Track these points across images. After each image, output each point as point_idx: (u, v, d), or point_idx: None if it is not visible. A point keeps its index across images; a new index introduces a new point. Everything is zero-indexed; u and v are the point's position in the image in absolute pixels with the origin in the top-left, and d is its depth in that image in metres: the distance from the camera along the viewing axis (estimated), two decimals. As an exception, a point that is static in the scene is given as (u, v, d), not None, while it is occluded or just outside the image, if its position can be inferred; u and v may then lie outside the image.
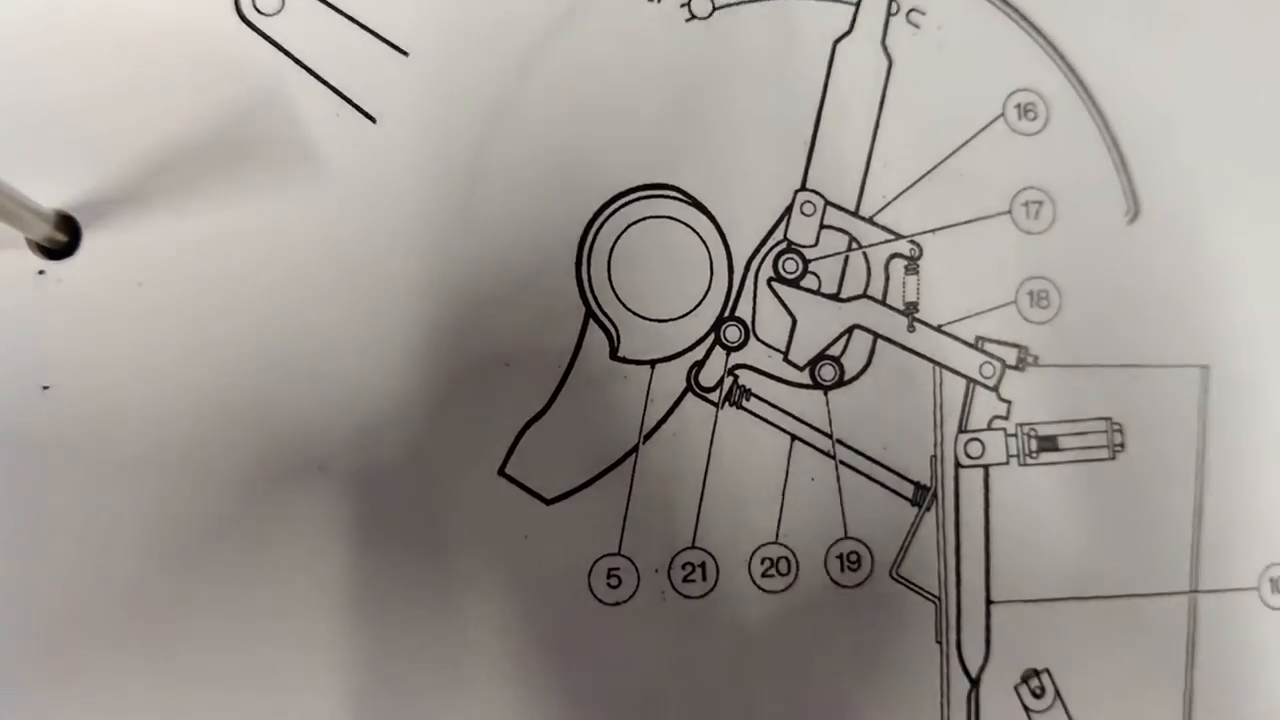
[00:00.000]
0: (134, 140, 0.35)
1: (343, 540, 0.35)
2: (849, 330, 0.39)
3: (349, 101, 0.36)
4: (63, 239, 0.33)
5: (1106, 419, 0.40)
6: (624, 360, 0.38)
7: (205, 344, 0.35)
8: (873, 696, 0.38)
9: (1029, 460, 0.40)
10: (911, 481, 0.39)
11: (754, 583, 0.38)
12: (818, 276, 0.39)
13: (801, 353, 0.39)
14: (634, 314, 0.38)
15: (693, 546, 0.38)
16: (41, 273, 0.34)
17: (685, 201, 0.38)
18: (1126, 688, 0.41)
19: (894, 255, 0.39)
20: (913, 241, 0.39)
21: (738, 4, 0.39)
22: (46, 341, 0.34)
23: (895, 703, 0.39)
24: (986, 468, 0.40)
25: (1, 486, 0.34)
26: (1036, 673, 0.40)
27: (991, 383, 0.40)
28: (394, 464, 0.36)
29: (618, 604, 0.38)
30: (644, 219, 0.38)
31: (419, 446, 0.36)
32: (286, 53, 0.36)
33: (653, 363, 0.38)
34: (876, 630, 0.39)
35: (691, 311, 0.38)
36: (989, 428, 0.40)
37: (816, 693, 0.38)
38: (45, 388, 0.34)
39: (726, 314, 0.39)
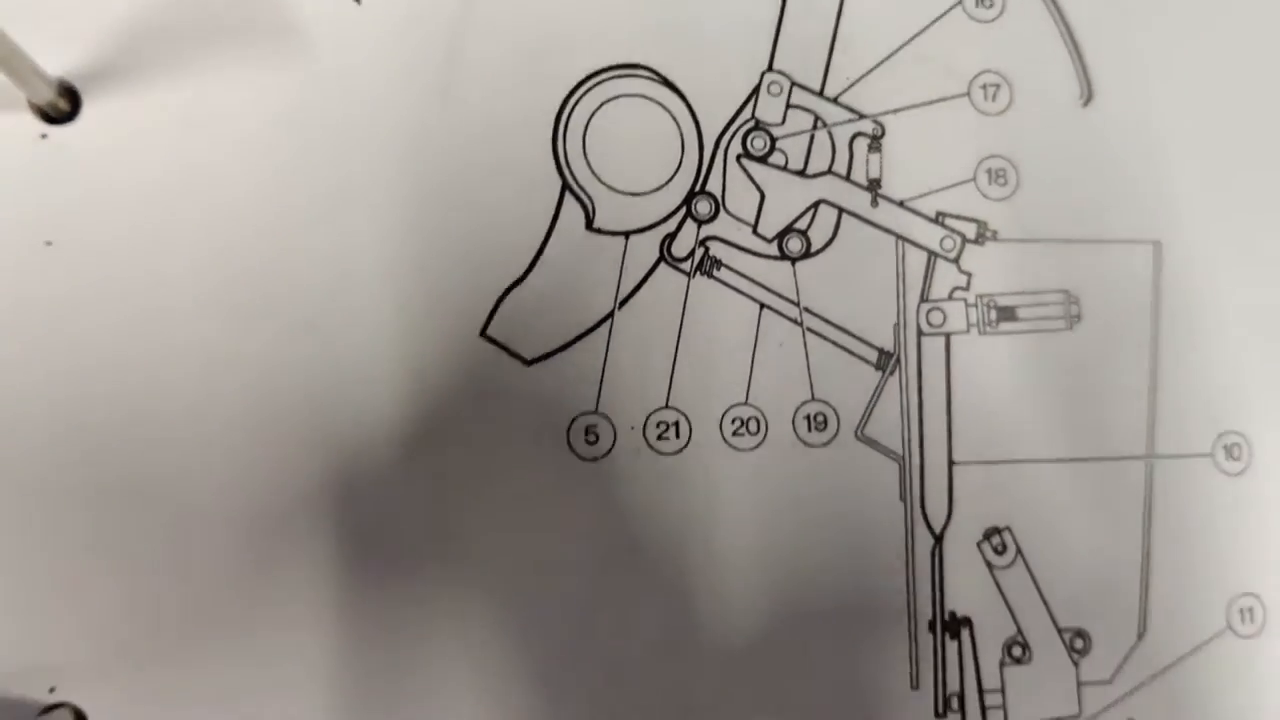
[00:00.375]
0: (131, 15, 0.37)
1: (329, 396, 0.37)
2: (815, 205, 0.41)
3: (334, -21, 0.38)
4: (64, 107, 0.36)
5: (1063, 291, 0.42)
6: (599, 231, 0.40)
7: (198, 207, 0.37)
8: (839, 551, 0.41)
9: (989, 329, 0.42)
10: (875, 347, 0.41)
11: (725, 441, 0.40)
12: (785, 153, 0.41)
13: (770, 226, 0.41)
14: (609, 187, 0.40)
15: (666, 406, 0.40)
16: (44, 137, 0.36)
17: (658, 81, 0.40)
18: (1087, 547, 0.43)
19: (858, 134, 0.42)
20: (876, 121, 0.42)
21: (706, -108, 0.41)
22: (49, 201, 0.36)
23: (861, 557, 0.41)
24: (948, 336, 0.42)
25: (5, 339, 0.36)
26: (998, 530, 0.42)
27: (952, 255, 0.42)
28: (380, 323, 0.38)
29: (595, 459, 0.40)
30: (618, 97, 0.40)
31: (404, 308, 0.38)
32: (275, -66, 0.38)
33: (627, 234, 0.40)
34: (842, 488, 0.41)
35: (664, 186, 0.40)
36: (950, 298, 0.42)
37: (784, 546, 0.40)
38: (48, 244, 0.36)
39: (697, 188, 0.41)
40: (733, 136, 0.41)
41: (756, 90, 0.42)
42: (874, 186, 0.42)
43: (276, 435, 0.38)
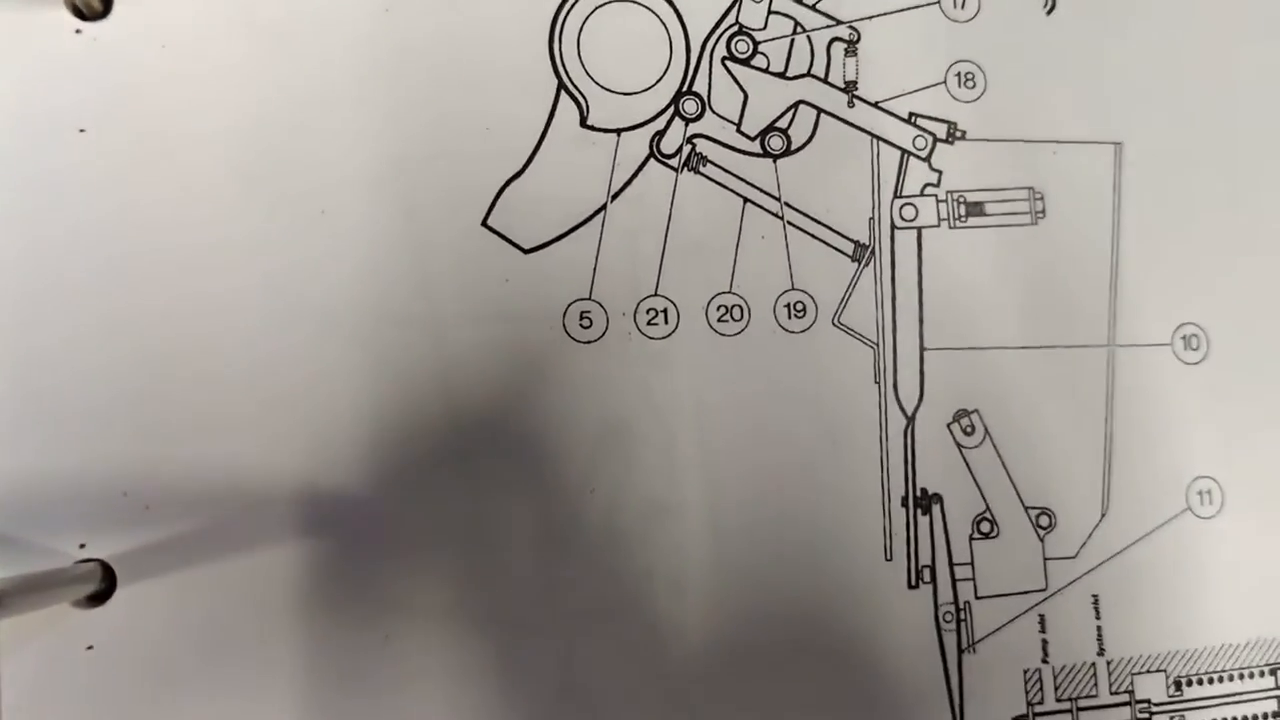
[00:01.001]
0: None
1: (343, 275, 0.43)
2: (795, 105, 0.47)
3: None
4: (98, 6, 0.41)
5: (1028, 188, 0.49)
6: (593, 128, 0.46)
7: (221, 102, 0.43)
8: (818, 430, 0.47)
9: (958, 224, 0.48)
10: (851, 240, 0.47)
11: (710, 327, 0.46)
12: (766, 56, 0.47)
13: (752, 124, 0.47)
14: (601, 87, 0.46)
15: (656, 294, 0.46)
16: (79, 31, 0.42)
17: (646, -12, 0.46)
18: (1051, 430, 0.49)
19: (835, 39, 0.48)
20: (852, 26, 0.48)
21: None
22: (82, 91, 0.42)
23: (838, 436, 0.47)
24: (919, 229, 0.48)
25: (40, 219, 0.42)
26: (967, 412, 0.48)
27: (924, 154, 0.48)
28: (389, 211, 0.44)
29: (589, 342, 0.46)
30: (610, 2, 0.46)
31: (411, 197, 0.44)
32: None
33: (619, 131, 0.46)
34: (820, 371, 0.47)
35: (653, 86, 0.46)
36: (921, 194, 0.48)
37: (766, 425, 0.46)
38: (81, 130, 0.42)
39: (685, 89, 0.47)
40: (718, 40, 0.47)
41: (740, -3, 0.47)
42: (850, 88, 0.48)
43: (289, 312, 0.43)
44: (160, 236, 0.42)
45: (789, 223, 0.46)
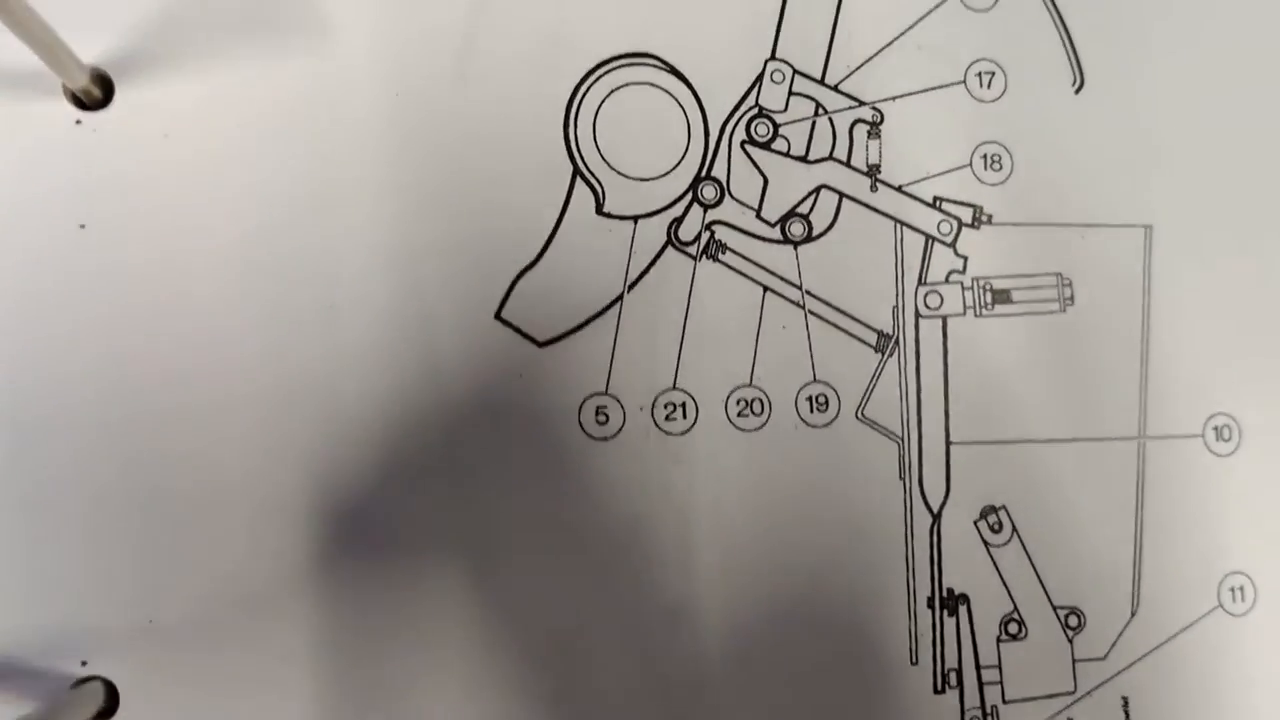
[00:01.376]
0: (162, 4, 0.43)
1: (351, 372, 0.43)
2: (816, 190, 0.48)
3: (354, -30, 0.44)
4: (98, 94, 0.41)
5: (1057, 274, 0.49)
6: (609, 215, 0.46)
7: (225, 194, 0.43)
8: (841, 528, 0.47)
9: (984, 312, 0.48)
10: (875, 330, 0.47)
11: (730, 421, 0.46)
12: (787, 140, 0.48)
13: (773, 210, 0.47)
14: (618, 173, 0.46)
15: (674, 388, 0.46)
16: (79, 122, 0.42)
17: (665, 69, 0.47)
18: (1080, 526, 0.48)
19: (857, 121, 0.48)
20: (875, 108, 0.48)
21: (710, -113, 0.47)
22: (83, 184, 0.42)
23: (862, 534, 0.47)
24: (945, 318, 0.48)
25: (38, 316, 0.42)
26: (995, 509, 0.48)
27: (949, 239, 0.48)
28: (398, 306, 0.44)
29: (605, 439, 0.46)
30: (627, 85, 0.46)
31: (421, 291, 0.44)
32: (297, -75, 0.44)
33: (635, 218, 0.46)
34: (843, 467, 0.47)
35: (671, 171, 0.47)
36: (947, 281, 0.48)
37: (787, 524, 0.46)
38: (82, 226, 0.42)
39: (703, 174, 0.47)
40: (737, 123, 0.47)
41: (760, 78, 0.47)
42: (873, 172, 0.48)
43: (297, 415, 0.43)
44: (161, 335, 0.41)
45: (811, 312, 0.47)
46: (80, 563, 0.41)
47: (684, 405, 0.45)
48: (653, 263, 0.46)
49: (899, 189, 0.47)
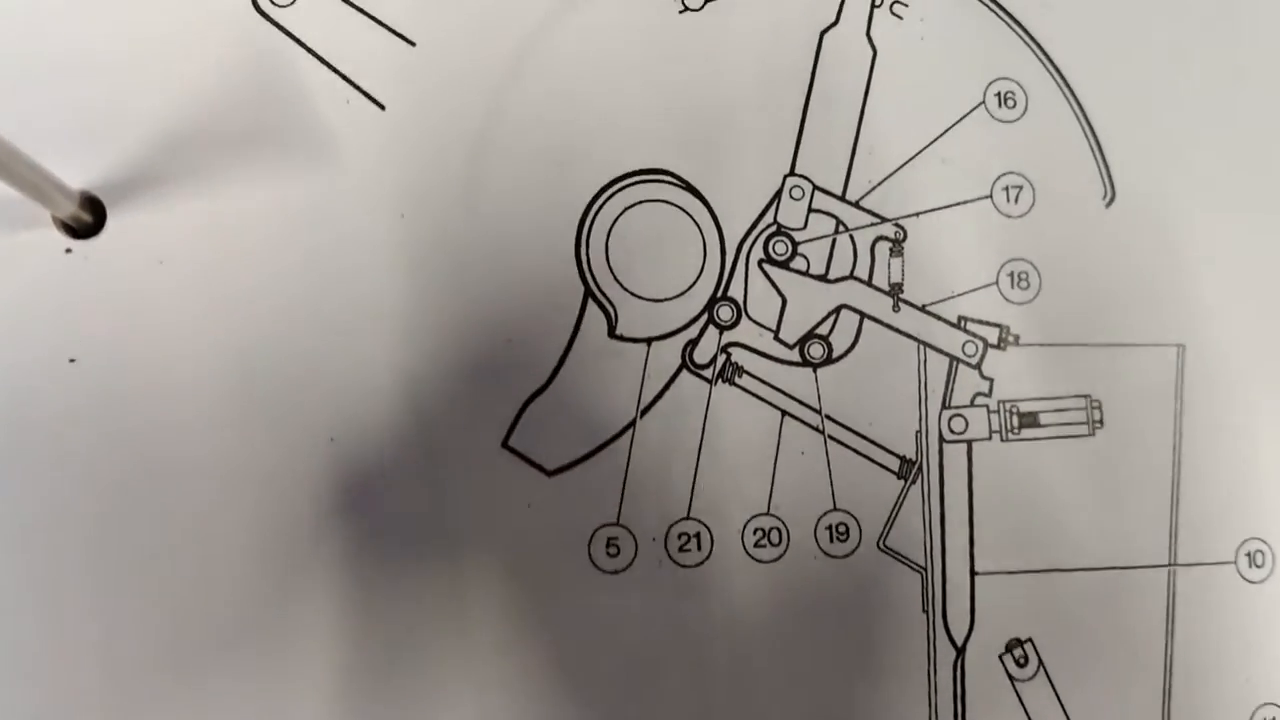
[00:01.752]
0: (156, 125, 0.41)
1: (350, 508, 0.41)
2: (836, 310, 0.46)
3: (359, 89, 0.42)
4: (88, 219, 0.39)
5: (1086, 396, 0.47)
6: (621, 338, 0.44)
7: (223, 320, 0.41)
8: (861, 664, 0.45)
9: (1011, 436, 0.46)
10: (897, 455, 0.45)
11: (746, 552, 0.44)
12: (806, 258, 0.46)
13: (791, 331, 0.45)
14: (631, 294, 0.44)
15: (688, 517, 0.44)
16: (69, 251, 0.40)
17: (680, 186, 0.45)
18: (1108, 657, 0.46)
19: (879, 238, 0.46)
20: (897, 225, 0.46)
21: (729, -4, 0.46)
22: (73, 316, 0.40)
23: (883, 670, 0.45)
24: (970, 443, 0.46)
25: (30, 455, 0.40)
26: (1020, 642, 0.46)
27: (974, 361, 0.46)
28: (401, 436, 0.42)
29: (616, 572, 0.43)
30: (640, 202, 0.44)
31: (425, 419, 0.42)
32: (300, 42, 0.42)
33: (649, 340, 0.44)
34: (864, 599, 0.45)
35: (686, 292, 0.45)
36: (972, 404, 0.46)
37: (805, 658, 0.44)
38: (72, 360, 0.40)
39: (719, 294, 0.45)
40: (755, 241, 0.45)
41: (779, 194, 0.46)
42: (896, 291, 0.46)
43: (293, 549, 0.41)
44: (153, 471, 0.40)
45: (830, 437, 0.45)
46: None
47: (698, 535, 0.43)
48: (667, 387, 0.44)
49: (922, 308, 0.45)
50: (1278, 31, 0.49)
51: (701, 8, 0.45)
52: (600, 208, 0.43)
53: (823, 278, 0.45)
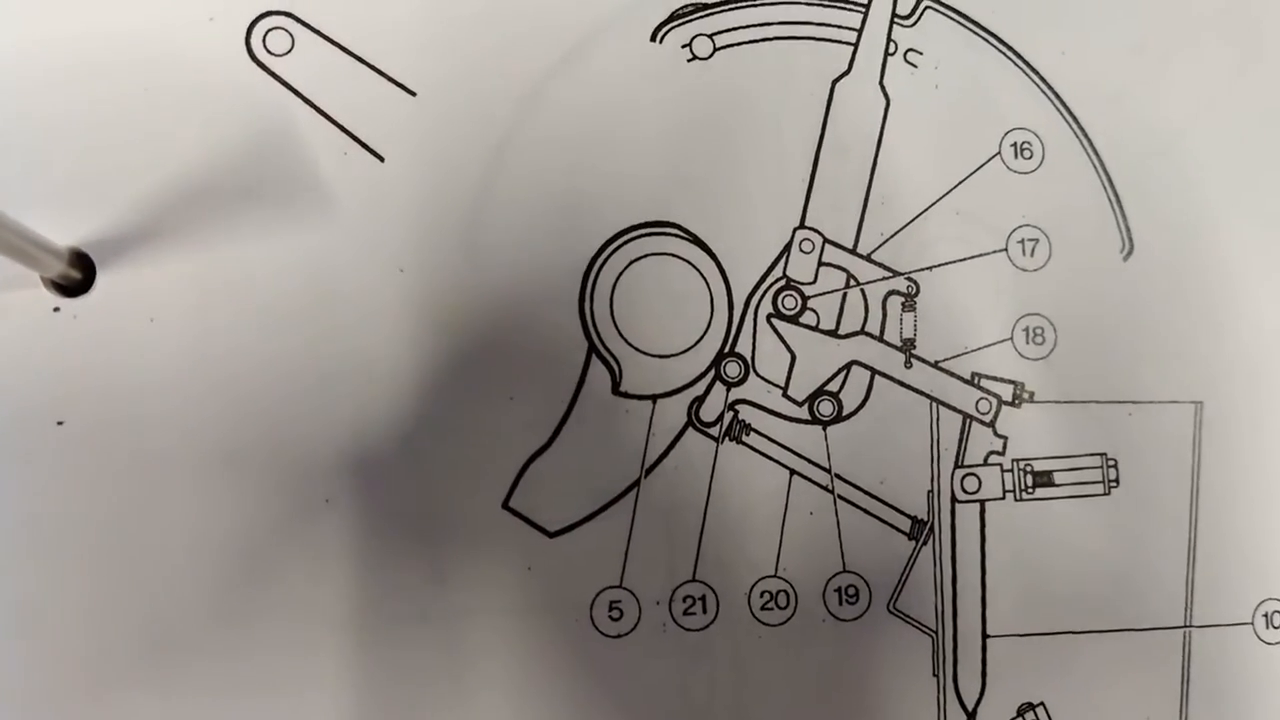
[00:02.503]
0: (147, 179, 0.39)
1: (347, 573, 0.40)
2: (847, 366, 0.44)
3: (357, 140, 0.41)
4: (77, 276, 0.38)
5: (1101, 454, 0.45)
6: (626, 395, 0.42)
7: (216, 379, 0.39)
8: (870, 729, 0.43)
9: (1025, 495, 0.45)
10: (908, 516, 0.44)
11: (753, 615, 0.43)
12: (816, 313, 0.44)
13: (800, 388, 0.44)
14: (636, 349, 0.42)
15: (693, 579, 0.42)
16: (57, 310, 0.39)
17: (687, 239, 0.43)
18: (1122, 721, 0.45)
19: (891, 292, 0.44)
20: (910, 279, 0.44)
21: (738, 45, 0.44)
22: (61, 378, 0.38)
23: (893, 735, 0.43)
24: (983, 502, 0.44)
25: (16, 519, 0.38)
26: (1032, 706, 0.44)
27: (988, 419, 0.44)
28: (399, 497, 0.40)
29: (619, 636, 0.42)
30: (646, 255, 0.43)
31: (424, 480, 0.40)
32: (296, 92, 0.41)
33: (654, 398, 0.43)
34: (874, 663, 0.43)
35: (693, 347, 0.43)
36: (985, 463, 0.45)
37: (815, 725, 0.42)
38: (59, 423, 0.38)
39: (727, 350, 0.43)
40: (763, 295, 0.44)
41: (788, 248, 0.44)
42: (908, 346, 0.44)
43: (290, 615, 0.39)
44: (142, 537, 0.38)
45: (840, 497, 0.43)
46: None
47: (704, 599, 0.42)
48: (672, 445, 0.43)
49: (935, 365, 0.43)
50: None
51: (710, 56, 0.43)
52: (605, 261, 0.42)
53: (833, 333, 0.44)
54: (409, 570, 0.40)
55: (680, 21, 0.43)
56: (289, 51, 0.41)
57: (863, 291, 0.44)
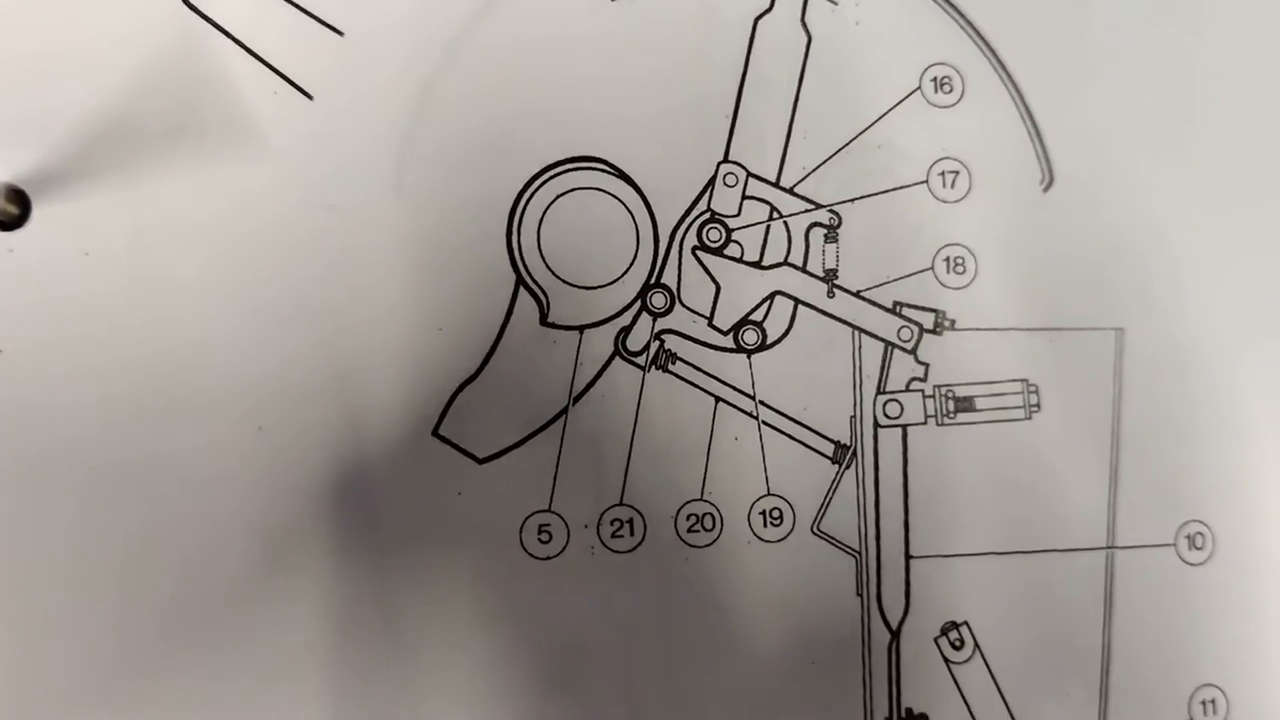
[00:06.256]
0: (81, 116, 0.39)
1: (279, 498, 0.40)
2: (770, 296, 0.44)
3: (286, 79, 0.41)
4: (14, 211, 0.38)
5: (1023, 380, 0.45)
6: (553, 326, 0.42)
7: (149, 311, 0.39)
8: (796, 647, 0.43)
9: (946, 420, 0.44)
10: (832, 441, 0.44)
11: (680, 538, 0.43)
12: (740, 245, 0.44)
13: (725, 318, 0.43)
14: (563, 281, 0.42)
15: (621, 503, 0.42)
16: (-7, 243, 0.39)
17: (612, 173, 0.43)
18: (1045, 640, 0.45)
19: (814, 224, 0.44)
20: (832, 211, 0.44)
21: (661, -17, 0.44)
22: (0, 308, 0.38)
23: (818, 653, 0.43)
24: (905, 427, 0.44)
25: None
26: (956, 625, 0.44)
27: (909, 346, 0.44)
28: (331, 426, 0.40)
29: (548, 559, 0.42)
30: (572, 190, 0.42)
31: (355, 409, 0.40)
32: (226, 33, 0.40)
33: (581, 328, 0.43)
34: (799, 583, 0.43)
35: (619, 279, 0.43)
36: (907, 389, 0.44)
37: (739, 643, 0.42)
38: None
39: (652, 281, 0.43)
40: (688, 228, 0.43)
41: (712, 181, 0.44)
42: (830, 277, 0.44)
43: (223, 548, 0.40)
44: (83, 464, 0.38)
45: (764, 423, 0.43)
46: None
47: (631, 522, 0.42)
48: (599, 374, 0.42)
49: (857, 294, 0.43)
50: (1219, 12, 0.46)
51: (634, -5, 0.42)
52: (532, 196, 0.42)
53: (757, 264, 0.43)
54: (340, 495, 0.40)
55: (605, -38, 0.43)
56: (219, -8, 0.40)
57: (786, 224, 0.43)
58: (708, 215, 0.43)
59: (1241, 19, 0.47)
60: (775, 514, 0.43)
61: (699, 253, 0.43)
